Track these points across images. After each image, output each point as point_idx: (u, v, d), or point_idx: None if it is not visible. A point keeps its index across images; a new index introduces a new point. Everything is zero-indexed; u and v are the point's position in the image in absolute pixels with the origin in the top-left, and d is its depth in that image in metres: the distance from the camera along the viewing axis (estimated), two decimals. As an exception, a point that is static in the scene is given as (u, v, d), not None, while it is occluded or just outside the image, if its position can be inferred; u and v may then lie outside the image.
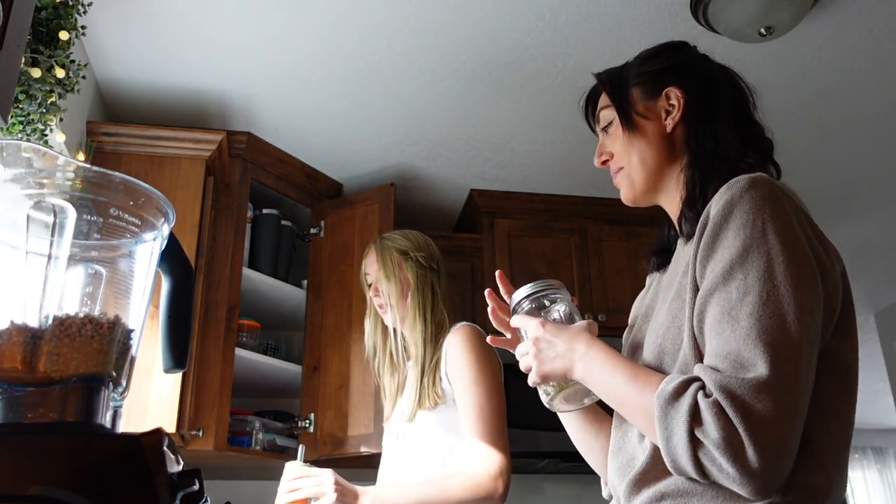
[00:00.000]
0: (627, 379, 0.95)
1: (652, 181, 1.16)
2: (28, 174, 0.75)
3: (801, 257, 0.90)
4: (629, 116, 1.16)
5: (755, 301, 0.86)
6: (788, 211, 0.93)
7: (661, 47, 1.24)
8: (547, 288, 1.15)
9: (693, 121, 1.12)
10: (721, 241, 0.93)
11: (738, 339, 0.85)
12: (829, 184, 3.23)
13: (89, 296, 0.77)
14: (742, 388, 0.81)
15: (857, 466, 7.52)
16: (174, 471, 0.68)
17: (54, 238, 0.72)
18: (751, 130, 1.13)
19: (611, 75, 1.24)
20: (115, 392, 0.76)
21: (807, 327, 0.86)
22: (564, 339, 1.03)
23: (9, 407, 0.68)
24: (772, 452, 0.80)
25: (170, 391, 2.28)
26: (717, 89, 1.15)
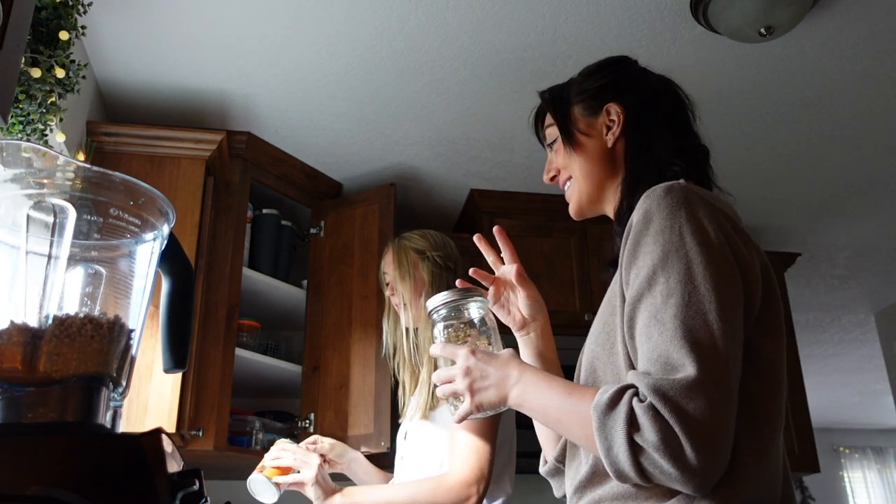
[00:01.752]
0: (563, 396, 0.97)
1: (596, 195, 1.20)
2: (28, 174, 0.75)
3: (719, 257, 0.92)
4: (571, 134, 1.20)
5: (678, 303, 0.89)
6: (703, 213, 0.95)
7: (602, 63, 1.27)
8: (464, 295, 1.17)
9: (632, 135, 1.17)
10: (642, 248, 0.96)
11: (665, 341, 0.88)
12: (829, 184, 3.23)
13: (89, 296, 0.77)
14: (673, 389, 0.83)
15: (857, 466, 7.52)
16: (174, 471, 0.68)
17: (54, 238, 0.72)
18: (687, 141, 1.17)
19: (553, 94, 1.27)
20: (115, 392, 0.76)
21: (729, 323, 0.89)
22: (496, 367, 1.04)
23: (9, 407, 0.68)
24: (709, 448, 0.82)
25: (170, 391, 2.28)
26: (656, 103, 1.19)
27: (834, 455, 7.39)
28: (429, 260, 1.87)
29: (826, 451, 6.95)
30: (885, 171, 3.13)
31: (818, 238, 3.70)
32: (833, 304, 4.46)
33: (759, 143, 2.94)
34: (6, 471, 0.62)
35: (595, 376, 1.03)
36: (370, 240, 2.90)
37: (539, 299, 1.25)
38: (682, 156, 1.13)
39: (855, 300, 4.42)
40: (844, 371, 5.58)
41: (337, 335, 2.83)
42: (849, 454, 7.51)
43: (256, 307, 2.86)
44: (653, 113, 1.18)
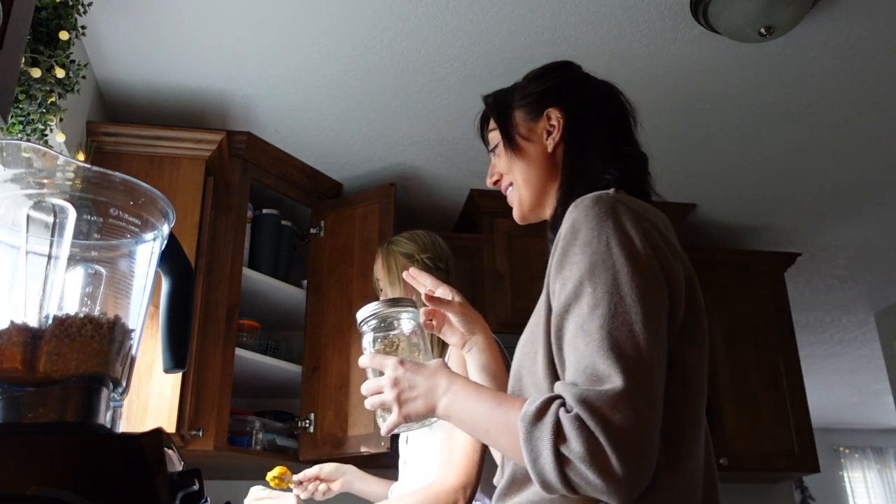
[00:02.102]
0: (491, 407, 0.97)
1: (537, 200, 1.20)
2: (28, 174, 0.75)
3: (645, 267, 0.92)
4: (512, 138, 1.20)
5: (604, 314, 0.89)
6: (630, 224, 0.95)
7: (545, 68, 1.28)
8: (394, 306, 1.18)
9: (571, 141, 1.16)
10: (569, 259, 0.96)
11: (592, 352, 0.88)
12: (829, 184, 3.23)
13: (89, 296, 0.77)
14: (600, 399, 0.83)
15: (857, 466, 7.52)
16: (174, 471, 0.68)
17: (54, 238, 0.72)
18: (625, 148, 1.17)
19: (497, 98, 1.27)
20: (115, 392, 0.76)
21: (655, 334, 0.89)
22: (424, 378, 1.04)
23: (9, 407, 0.68)
24: (635, 459, 0.82)
25: (170, 391, 2.27)
26: (597, 108, 1.19)
27: (834, 455, 7.39)
28: (418, 263, 1.86)
29: (826, 451, 6.94)
30: (885, 171, 3.13)
31: (818, 238, 3.70)
32: (833, 304, 4.46)
33: (758, 142, 2.94)
34: (6, 471, 0.62)
35: (521, 384, 1.03)
36: (370, 240, 2.90)
37: (468, 314, 1.26)
38: (617, 163, 1.13)
39: (855, 300, 4.42)
40: (844, 371, 5.58)
41: (337, 335, 2.83)
42: (849, 454, 7.51)
43: (256, 307, 2.86)
44: (593, 119, 1.17)
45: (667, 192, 3.47)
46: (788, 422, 3.25)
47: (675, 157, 3.03)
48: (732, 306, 3.38)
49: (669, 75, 2.54)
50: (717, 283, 3.41)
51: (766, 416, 3.23)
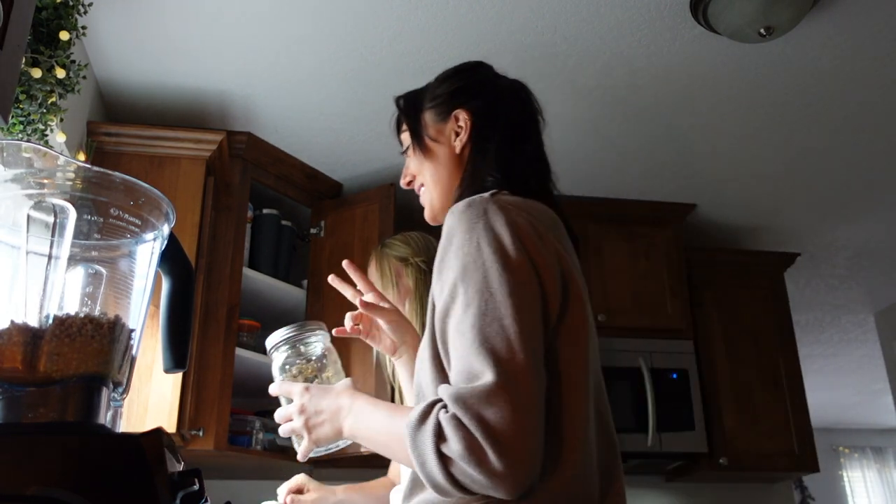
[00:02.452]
0: (386, 420, 1.00)
1: (446, 201, 1.20)
2: (28, 174, 0.75)
3: (515, 264, 0.94)
4: (421, 140, 1.22)
5: (476, 312, 0.91)
6: (501, 224, 0.97)
7: (455, 69, 1.29)
8: (302, 330, 1.20)
9: (476, 142, 1.17)
10: (446, 263, 0.98)
11: (466, 351, 0.89)
12: (829, 184, 3.23)
13: (89, 296, 0.77)
14: (473, 397, 0.85)
15: (856, 466, 7.52)
16: (174, 471, 0.68)
17: (55, 238, 0.72)
18: (526, 148, 1.17)
19: (408, 100, 1.28)
20: (115, 392, 0.76)
21: (526, 326, 0.90)
22: (330, 401, 1.07)
23: (9, 407, 0.68)
24: (513, 452, 0.83)
25: (170, 391, 2.28)
26: (503, 110, 1.19)
27: (833, 455, 7.39)
28: (412, 266, 1.85)
29: (826, 451, 6.94)
30: (885, 171, 3.13)
31: (818, 238, 3.70)
32: (833, 304, 4.46)
33: (758, 142, 2.94)
34: (6, 471, 0.62)
35: (420, 389, 1.05)
36: (370, 240, 2.90)
37: (400, 321, 1.27)
38: (513, 164, 1.14)
39: (855, 300, 4.42)
40: (844, 371, 5.58)
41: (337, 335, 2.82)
42: (848, 454, 7.51)
43: (256, 307, 2.86)
44: (497, 120, 1.18)
45: (667, 192, 3.51)
46: (788, 422, 3.25)
47: (675, 157, 3.03)
48: (732, 306, 3.38)
49: (669, 75, 2.54)
50: (717, 283, 3.41)
51: (766, 415, 3.23)
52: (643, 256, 3.28)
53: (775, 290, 3.49)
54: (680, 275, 3.28)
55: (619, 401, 3.02)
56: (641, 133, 2.88)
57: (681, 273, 3.28)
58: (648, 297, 3.21)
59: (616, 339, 3.11)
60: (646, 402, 2.99)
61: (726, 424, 3.16)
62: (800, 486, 6.61)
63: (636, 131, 2.87)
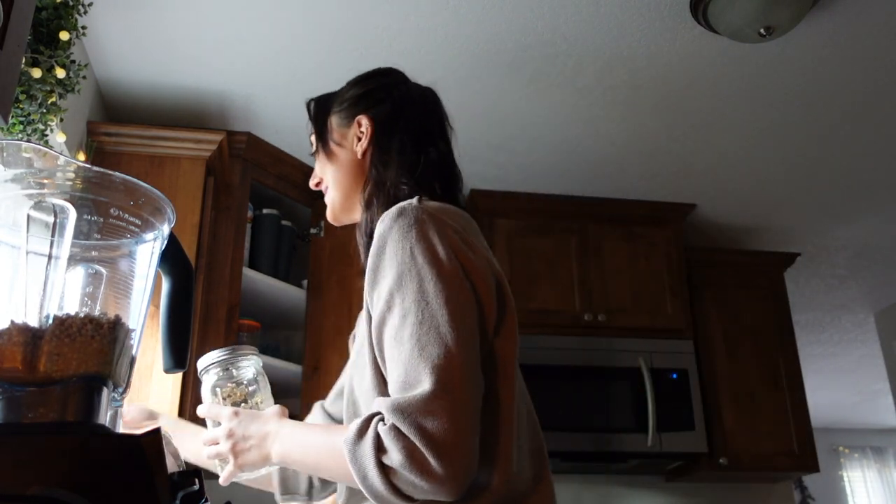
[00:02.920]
0: (319, 439, 1.01)
1: (346, 203, 1.24)
2: (28, 174, 0.76)
3: (449, 272, 0.96)
4: (325, 143, 1.25)
5: (413, 322, 0.93)
6: (433, 232, 0.99)
7: (364, 75, 1.33)
8: (235, 354, 1.20)
9: (377, 147, 1.20)
10: (380, 272, 1.00)
11: (404, 360, 0.91)
12: (829, 184, 3.23)
13: (90, 296, 0.77)
14: (412, 405, 0.87)
15: (856, 466, 7.52)
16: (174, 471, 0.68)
17: (55, 238, 0.72)
18: (430, 154, 1.19)
19: (317, 103, 1.32)
20: (116, 392, 0.76)
21: (461, 332, 0.92)
22: (258, 427, 1.08)
23: (9, 407, 0.68)
24: (453, 457, 0.86)
25: (170, 391, 2.28)
26: (406, 116, 1.22)
27: (833, 455, 7.39)
28: None
29: (826, 451, 6.94)
30: (885, 171, 3.13)
31: (818, 238, 3.70)
32: (833, 303, 4.46)
33: (759, 143, 2.94)
34: (6, 471, 0.62)
35: (353, 397, 1.06)
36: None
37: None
38: (420, 170, 1.16)
39: (855, 300, 4.42)
40: (844, 371, 5.58)
41: (337, 335, 2.83)
42: (848, 454, 7.51)
43: (256, 307, 2.86)
44: (401, 126, 1.21)
45: (667, 192, 3.51)
46: (788, 422, 3.25)
47: (675, 157, 3.03)
48: (732, 306, 3.38)
49: (669, 75, 2.54)
50: (717, 283, 3.41)
51: (766, 416, 3.23)
52: (643, 256, 3.28)
53: (775, 290, 3.49)
54: (680, 275, 3.28)
55: (619, 401, 3.02)
56: (641, 133, 2.88)
57: (681, 273, 3.28)
58: (648, 297, 3.21)
59: (616, 339, 3.11)
60: (646, 402, 2.99)
61: (726, 424, 3.16)
62: (800, 486, 6.61)
63: (636, 131, 2.87)
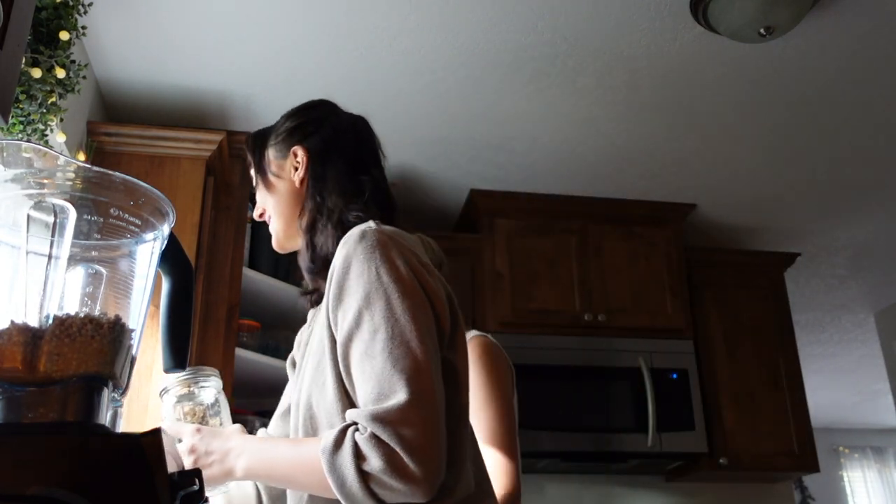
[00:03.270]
0: (290, 452, 1.05)
1: (290, 231, 1.29)
2: (28, 174, 0.75)
3: (412, 289, 1.03)
4: (265, 175, 1.31)
5: (384, 337, 0.99)
6: (395, 253, 1.06)
7: (298, 108, 1.38)
8: (197, 375, 1.25)
9: (313, 176, 1.26)
10: (346, 291, 1.05)
11: (377, 373, 0.97)
12: (829, 184, 3.23)
13: (89, 296, 0.77)
14: (390, 414, 0.93)
15: (857, 466, 7.51)
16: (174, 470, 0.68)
17: (55, 238, 0.72)
18: (364, 180, 1.25)
19: (255, 137, 1.37)
20: (116, 392, 0.76)
21: (428, 346, 1.00)
22: (220, 443, 1.11)
23: (9, 407, 0.68)
24: (429, 459, 0.94)
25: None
26: (339, 146, 1.28)
27: (834, 455, 7.39)
28: None
29: (826, 451, 6.94)
30: (884, 171, 3.13)
31: (818, 238, 3.70)
32: (833, 303, 4.46)
33: (758, 142, 2.94)
34: (6, 471, 0.62)
35: (311, 413, 1.09)
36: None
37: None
38: (358, 197, 1.22)
39: (855, 300, 4.42)
40: (844, 371, 5.58)
41: (337, 335, 2.82)
42: (848, 454, 7.50)
43: (256, 307, 2.86)
44: (334, 155, 1.27)
45: (667, 192, 3.51)
46: (788, 422, 3.25)
47: (675, 156, 3.03)
48: (732, 306, 3.38)
49: (669, 75, 2.54)
50: (717, 283, 3.41)
51: (766, 416, 3.23)
52: (643, 256, 3.28)
53: (775, 290, 3.49)
54: (680, 275, 3.28)
55: (619, 401, 3.02)
56: (641, 133, 2.88)
57: (681, 273, 3.28)
58: (648, 297, 3.21)
59: (616, 339, 3.11)
60: (646, 402, 2.99)
61: (726, 424, 3.16)
62: (800, 487, 6.61)
63: (636, 131, 2.87)
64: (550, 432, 2.93)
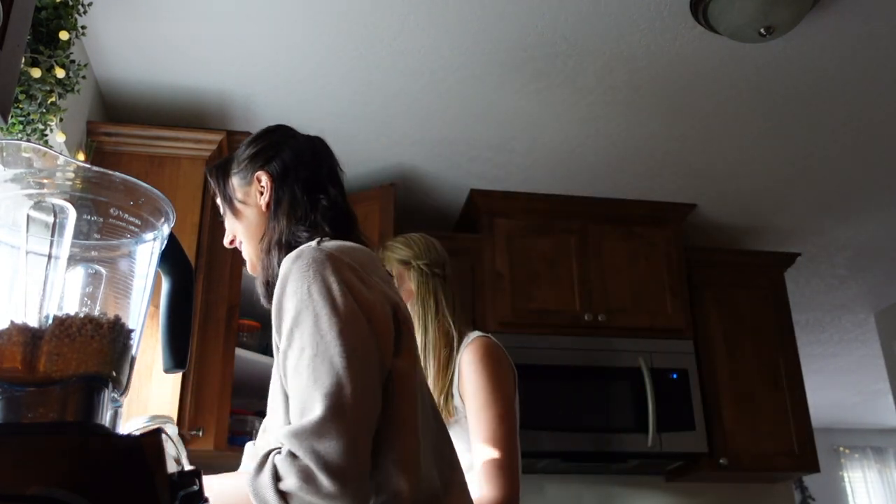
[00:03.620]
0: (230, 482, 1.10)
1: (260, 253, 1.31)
2: (28, 174, 0.75)
3: (343, 307, 1.04)
4: (231, 203, 1.34)
5: (309, 354, 1.01)
6: (329, 271, 1.07)
7: (256, 135, 1.38)
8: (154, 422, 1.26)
9: (275, 201, 1.29)
10: (282, 310, 1.07)
11: (301, 390, 1.00)
12: (829, 184, 3.23)
13: (89, 296, 0.77)
14: (304, 430, 0.95)
15: (857, 466, 7.52)
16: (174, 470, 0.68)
17: (54, 238, 0.72)
18: (321, 201, 1.29)
19: (217, 169, 1.39)
20: (115, 392, 0.76)
21: (353, 362, 1.01)
22: None
23: (9, 407, 0.68)
24: (343, 473, 0.94)
25: (170, 391, 2.27)
26: (298, 168, 1.31)
27: (834, 455, 7.39)
28: (414, 269, 1.83)
29: (826, 451, 6.94)
30: (885, 171, 3.13)
31: (818, 238, 3.70)
32: (833, 303, 4.46)
33: (758, 143, 2.94)
34: (6, 471, 0.62)
35: (265, 434, 1.14)
36: (370, 240, 2.89)
37: None
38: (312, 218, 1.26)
39: (855, 300, 4.42)
40: (844, 371, 5.58)
41: (337, 335, 2.82)
42: (849, 454, 7.50)
43: (256, 307, 2.85)
44: (292, 178, 1.29)
45: (667, 192, 3.50)
46: (788, 422, 3.24)
47: (675, 157, 3.03)
48: (732, 306, 3.38)
49: (669, 75, 2.54)
50: (717, 283, 3.41)
51: (766, 415, 3.23)
52: (643, 256, 3.27)
53: (775, 290, 3.49)
54: (680, 275, 3.28)
55: (619, 401, 3.02)
56: (641, 133, 2.88)
57: (681, 273, 3.28)
58: (648, 297, 3.21)
59: (616, 339, 3.10)
60: (646, 402, 2.99)
61: (726, 424, 3.16)
62: (800, 487, 6.61)
63: (636, 131, 2.87)
64: (550, 432, 2.92)
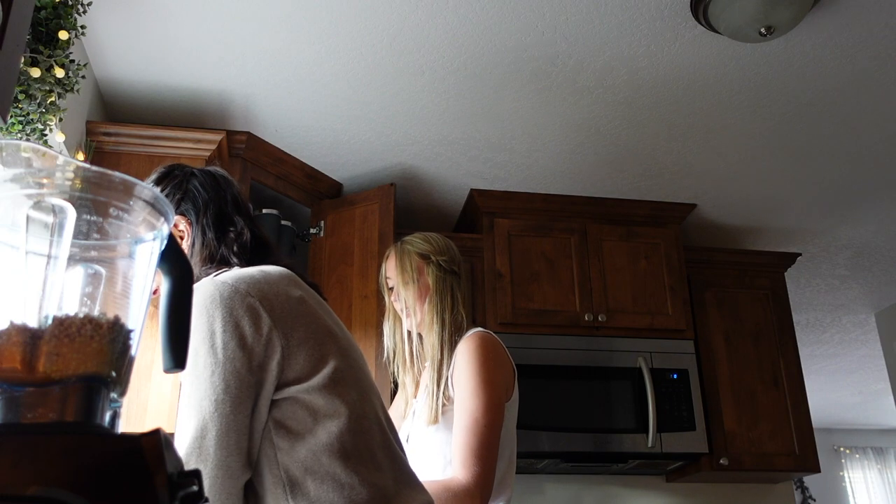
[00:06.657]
0: None
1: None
2: (27, 174, 0.75)
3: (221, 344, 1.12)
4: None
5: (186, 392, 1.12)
6: (215, 306, 1.14)
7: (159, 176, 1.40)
8: None
9: (196, 238, 1.32)
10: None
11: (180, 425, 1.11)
12: (829, 184, 3.23)
13: (89, 296, 0.77)
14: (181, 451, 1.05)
15: (857, 466, 7.52)
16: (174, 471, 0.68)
17: (54, 238, 0.72)
18: (230, 235, 1.32)
19: None
20: (115, 392, 0.76)
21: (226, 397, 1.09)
22: None
23: (8, 407, 0.68)
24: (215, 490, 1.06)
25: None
26: (205, 205, 1.33)
27: (834, 455, 7.39)
28: (433, 264, 1.85)
29: (826, 451, 6.95)
30: (885, 171, 3.13)
31: (818, 238, 3.70)
32: (833, 304, 4.46)
33: (759, 142, 2.94)
34: (5, 471, 0.62)
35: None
36: (370, 240, 2.90)
37: None
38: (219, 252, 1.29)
39: (855, 300, 4.42)
40: (844, 371, 5.58)
41: (337, 335, 2.82)
42: (849, 454, 7.51)
43: (256, 307, 2.86)
44: (203, 217, 1.32)
45: (667, 192, 3.51)
46: (788, 422, 3.25)
47: (675, 157, 3.03)
48: (732, 306, 3.38)
49: (669, 75, 2.54)
50: (717, 283, 3.41)
51: (767, 415, 3.23)
52: (643, 256, 3.28)
53: (775, 290, 3.49)
54: (680, 275, 3.28)
55: (619, 401, 3.02)
56: (641, 133, 2.88)
57: (681, 273, 3.28)
58: (648, 297, 3.21)
59: (616, 339, 3.11)
60: (646, 403, 2.99)
61: (726, 424, 3.16)
62: (801, 487, 6.61)
63: (636, 131, 2.87)
64: (550, 432, 2.93)
